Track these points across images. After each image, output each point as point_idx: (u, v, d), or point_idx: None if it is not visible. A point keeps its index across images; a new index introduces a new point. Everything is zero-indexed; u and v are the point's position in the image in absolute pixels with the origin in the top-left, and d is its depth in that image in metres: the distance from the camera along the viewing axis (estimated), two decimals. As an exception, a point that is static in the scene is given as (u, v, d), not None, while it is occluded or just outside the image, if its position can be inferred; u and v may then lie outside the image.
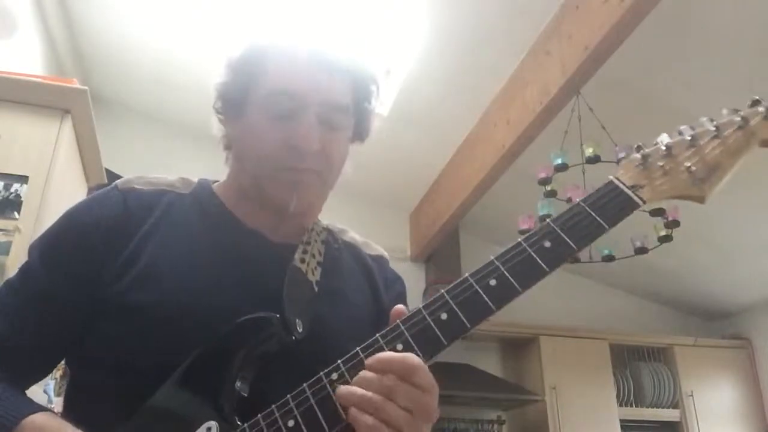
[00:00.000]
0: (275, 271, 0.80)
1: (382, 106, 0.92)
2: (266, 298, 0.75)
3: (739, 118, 0.76)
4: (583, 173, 2.67)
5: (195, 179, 0.91)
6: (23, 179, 1.75)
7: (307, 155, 0.80)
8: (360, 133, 0.92)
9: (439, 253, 4.45)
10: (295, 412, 0.67)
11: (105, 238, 0.78)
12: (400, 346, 0.68)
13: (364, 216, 4.11)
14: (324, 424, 0.66)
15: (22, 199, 1.73)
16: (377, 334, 0.70)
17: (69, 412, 0.78)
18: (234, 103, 0.85)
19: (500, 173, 3.39)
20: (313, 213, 0.91)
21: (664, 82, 2.94)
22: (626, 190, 0.75)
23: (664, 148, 0.78)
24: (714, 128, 0.77)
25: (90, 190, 2.34)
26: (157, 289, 0.74)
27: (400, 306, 0.72)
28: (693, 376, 4.36)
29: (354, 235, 0.99)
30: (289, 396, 0.68)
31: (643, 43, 2.61)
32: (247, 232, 0.84)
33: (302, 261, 0.83)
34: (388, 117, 3.43)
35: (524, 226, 2.80)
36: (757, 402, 4.43)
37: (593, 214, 0.73)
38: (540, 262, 0.70)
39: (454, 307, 0.69)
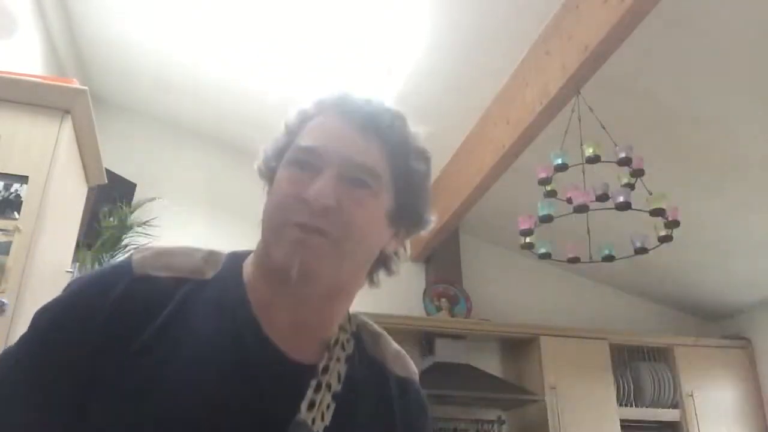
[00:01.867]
0: (283, 409, 0.72)
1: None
2: None
3: None
4: (583, 173, 2.67)
5: (225, 253, 0.81)
6: (23, 179, 1.75)
7: (316, 211, 0.71)
8: (404, 214, 0.79)
9: (439, 253, 4.45)
10: None
11: (106, 334, 0.71)
12: None
13: (364, 216, 4.11)
14: None
15: (22, 199, 1.72)
16: None
17: None
18: (270, 168, 0.80)
19: (500, 173, 3.39)
20: (329, 314, 0.80)
21: (664, 82, 2.94)
22: None
23: None
24: None
25: (90, 190, 2.34)
26: (156, 403, 0.68)
27: None
28: (693, 376, 4.35)
29: (387, 346, 0.88)
30: None
31: (643, 43, 2.61)
32: (262, 343, 0.75)
33: (311, 407, 0.73)
34: (388, 117, 3.43)
35: (524, 226, 2.80)
36: (757, 402, 4.42)
37: None
38: None
39: None
